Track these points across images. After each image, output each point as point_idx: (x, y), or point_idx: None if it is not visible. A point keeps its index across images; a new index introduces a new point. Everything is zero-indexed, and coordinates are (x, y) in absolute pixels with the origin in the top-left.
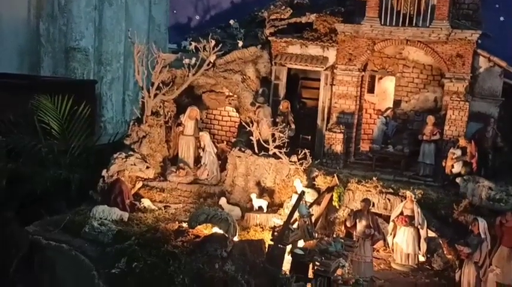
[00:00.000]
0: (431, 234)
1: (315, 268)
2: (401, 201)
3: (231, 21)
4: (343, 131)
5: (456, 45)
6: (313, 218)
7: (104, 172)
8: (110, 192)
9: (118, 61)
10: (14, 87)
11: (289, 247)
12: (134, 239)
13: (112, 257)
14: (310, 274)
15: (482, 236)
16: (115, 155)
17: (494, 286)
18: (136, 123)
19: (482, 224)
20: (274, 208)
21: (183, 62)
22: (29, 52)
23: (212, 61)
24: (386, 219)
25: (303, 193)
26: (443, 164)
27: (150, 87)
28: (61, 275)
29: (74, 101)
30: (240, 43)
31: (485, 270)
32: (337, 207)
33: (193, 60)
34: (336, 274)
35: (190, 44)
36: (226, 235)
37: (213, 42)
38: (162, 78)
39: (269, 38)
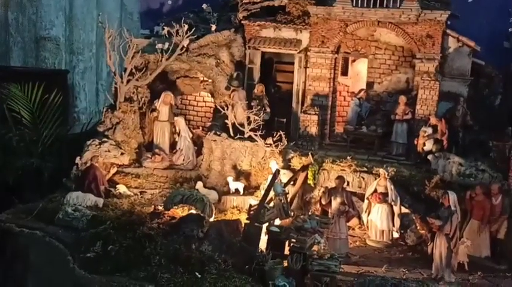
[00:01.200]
0: (405, 210)
1: (291, 244)
2: (375, 179)
3: (204, 6)
4: (317, 113)
5: (426, 25)
6: (288, 198)
7: (77, 159)
8: (83, 178)
9: (90, 50)
10: None
11: (265, 226)
12: (109, 223)
13: (87, 242)
14: (287, 251)
15: (453, 208)
16: (88, 142)
17: (465, 257)
18: (109, 110)
19: (452, 196)
20: (250, 190)
21: (156, 47)
22: None
23: (185, 46)
24: (361, 197)
25: (277, 171)
26: (415, 142)
27: (123, 73)
28: (35, 262)
29: (45, 91)
30: (214, 27)
31: (455, 241)
32: (313, 186)
33: (166, 45)
34: (311, 250)
35: (163, 29)
36: (202, 215)
37: (186, 26)
38: (135, 64)
39: (242, 22)
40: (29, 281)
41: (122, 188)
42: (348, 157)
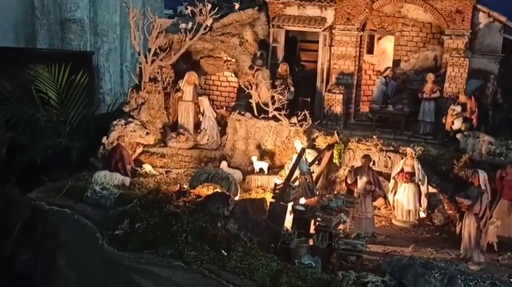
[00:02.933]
0: (432, 190)
1: (317, 223)
2: (402, 158)
3: None
4: (342, 91)
5: (455, 0)
6: (314, 177)
7: (104, 139)
8: (110, 158)
9: (114, 32)
10: (10, 59)
11: (290, 204)
12: (136, 201)
13: (115, 220)
14: (312, 230)
15: (483, 187)
16: (114, 122)
17: (494, 238)
18: (134, 90)
19: (482, 175)
20: (275, 169)
21: (180, 26)
22: (24, 25)
23: (209, 25)
24: (387, 177)
25: (303, 150)
26: (444, 121)
27: (147, 54)
28: (64, 239)
29: (71, 73)
30: (237, 6)
31: (485, 221)
32: (338, 165)
33: (190, 24)
34: (337, 229)
35: (187, 9)
36: (228, 194)
37: (209, 5)
38: (159, 44)
39: (266, 0)
40: (60, 257)
41: (147, 168)
42: (374, 136)
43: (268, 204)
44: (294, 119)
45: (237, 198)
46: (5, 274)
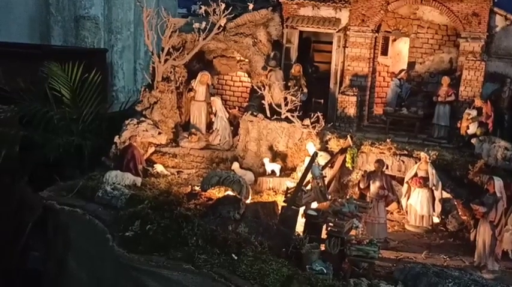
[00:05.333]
0: (446, 195)
1: (329, 228)
2: (416, 163)
3: None
4: (356, 93)
5: (472, 3)
6: (326, 181)
7: (116, 138)
8: (122, 157)
9: (128, 29)
10: (25, 56)
11: (302, 209)
12: (147, 202)
13: (126, 221)
14: (324, 235)
15: (498, 195)
16: (127, 122)
17: (509, 245)
18: (147, 90)
19: (498, 183)
20: (287, 171)
21: (193, 26)
22: (38, 22)
23: (222, 25)
24: (400, 181)
25: (315, 153)
26: (459, 125)
27: (161, 53)
28: (75, 239)
29: (85, 70)
30: (251, 6)
31: (500, 229)
32: (351, 169)
33: (204, 24)
34: (349, 235)
35: (200, 8)
36: (239, 197)
37: (223, 5)
38: (172, 43)
39: (280, 0)
40: (70, 257)
41: (159, 168)
42: (388, 140)
43: (279, 208)
44: (307, 121)
45: (248, 201)
46: (15, 271)
